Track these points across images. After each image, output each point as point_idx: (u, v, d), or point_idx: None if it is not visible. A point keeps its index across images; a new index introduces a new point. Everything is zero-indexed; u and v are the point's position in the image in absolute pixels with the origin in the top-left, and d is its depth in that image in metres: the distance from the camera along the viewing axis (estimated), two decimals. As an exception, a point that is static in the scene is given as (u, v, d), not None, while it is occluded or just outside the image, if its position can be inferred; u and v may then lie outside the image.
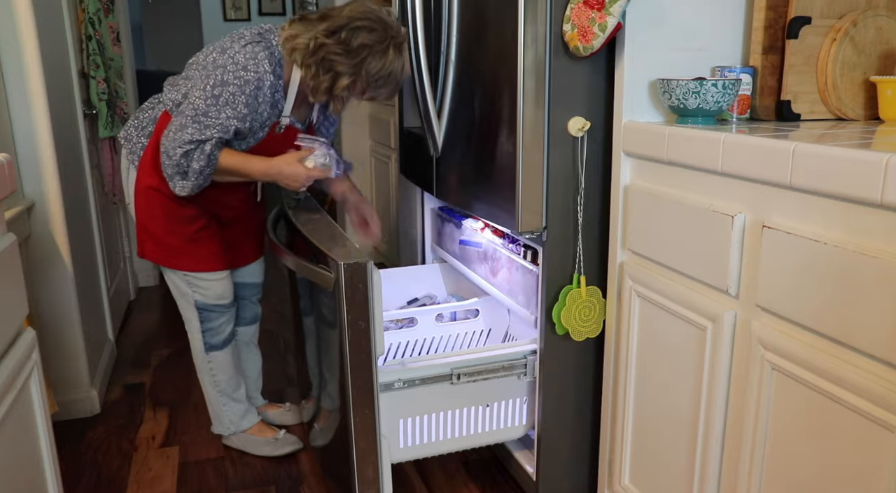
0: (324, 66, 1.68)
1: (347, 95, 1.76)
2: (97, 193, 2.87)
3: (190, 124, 1.68)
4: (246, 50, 1.67)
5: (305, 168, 1.77)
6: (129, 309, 3.42)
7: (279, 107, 1.77)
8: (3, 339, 1.11)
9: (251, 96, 1.68)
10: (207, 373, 2.05)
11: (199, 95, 1.67)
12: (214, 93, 1.66)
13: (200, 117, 1.67)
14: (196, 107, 1.67)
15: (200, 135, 1.67)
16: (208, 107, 1.67)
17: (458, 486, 1.97)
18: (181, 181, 1.73)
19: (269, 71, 1.68)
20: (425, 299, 2.30)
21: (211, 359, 2.03)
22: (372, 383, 1.53)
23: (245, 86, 1.66)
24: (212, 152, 1.71)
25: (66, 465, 2.08)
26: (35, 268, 2.22)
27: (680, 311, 1.35)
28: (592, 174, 1.58)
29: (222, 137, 1.70)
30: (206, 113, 1.67)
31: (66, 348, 2.31)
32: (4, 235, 1.19)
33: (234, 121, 1.68)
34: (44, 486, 1.26)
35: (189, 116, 1.68)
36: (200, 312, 1.97)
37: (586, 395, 1.74)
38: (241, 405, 2.12)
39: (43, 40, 2.18)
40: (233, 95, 1.66)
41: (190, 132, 1.67)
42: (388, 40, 1.69)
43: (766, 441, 1.18)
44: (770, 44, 1.44)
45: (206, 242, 1.91)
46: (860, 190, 0.96)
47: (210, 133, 1.68)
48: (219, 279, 1.95)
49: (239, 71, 1.66)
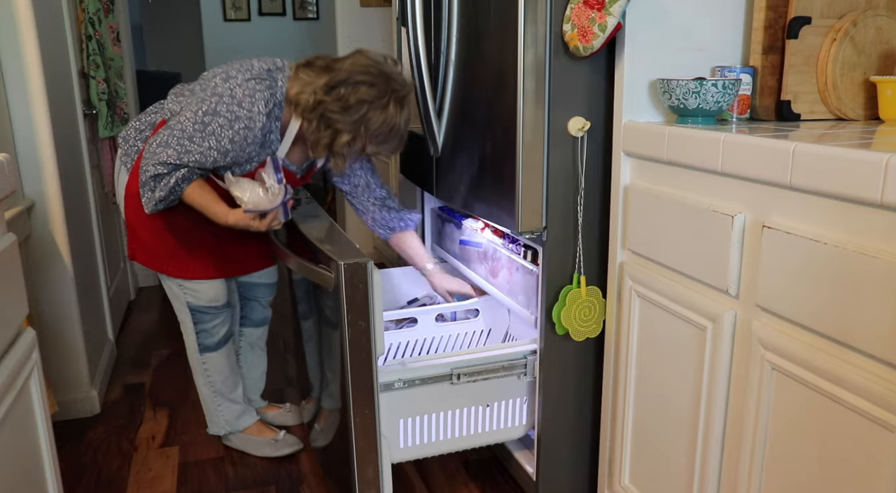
0: (323, 123, 1.65)
1: (348, 152, 1.71)
2: (97, 193, 2.87)
3: (173, 144, 1.65)
4: (248, 85, 1.64)
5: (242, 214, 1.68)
6: (129, 309, 3.42)
7: (272, 147, 1.74)
8: (3, 339, 1.11)
9: (238, 133, 1.64)
10: (202, 374, 2.04)
11: (190, 117, 1.65)
12: (204, 120, 1.63)
13: (185, 141, 1.65)
14: (183, 128, 1.65)
15: (178, 159, 1.65)
16: (194, 132, 1.64)
17: (458, 486, 1.97)
18: (148, 194, 1.72)
19: (263, 112, 1.64)
20: (425, 298, 2.30)
21: (205, 360, 2.02)
22: (372, 383, 1.53)
23: (235, 122, 1.63)
24: (176, 185, 1.69)
25: (66, 465, 2.08)
26: (35, 268, 2.22)
27: (680, 311, 1.35)
28: (592, 174, 1.58)
29: (197, 168, 1.68)
30: (190, 138, 1.64)
31: (66, 348, 2.31)
32: (4, 235, 1.19)
33: (214, 153, 1.65)
34: (44, 486, 1.26)
35: (175, 136, 1.66)
36: (193, 314, 1.96)
37: (586, 395, 1.74)
38: (238, 406, 2.12)
39: (43, 40, 2.18)
40: (220, 127, 1.63)
41: (169, 153, 1.65)
42: (389, 95, 1.64)
43: (766, 441, 1.18)
44: (770, 44, 1.44)
45: (194, 250, 1.88)
46: (860, 190, 0.96)
47: (187, 159, 1.66)
48: (210, 283, 1.94)
49: (233, 105, 1.63)
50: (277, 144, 1.75)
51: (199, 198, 1.72)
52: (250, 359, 2.21)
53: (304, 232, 1.72)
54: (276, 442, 2.13)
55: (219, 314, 1.99)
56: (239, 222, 1.69)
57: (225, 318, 2.01)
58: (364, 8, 3.78)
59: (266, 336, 2.23)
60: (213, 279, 1.93)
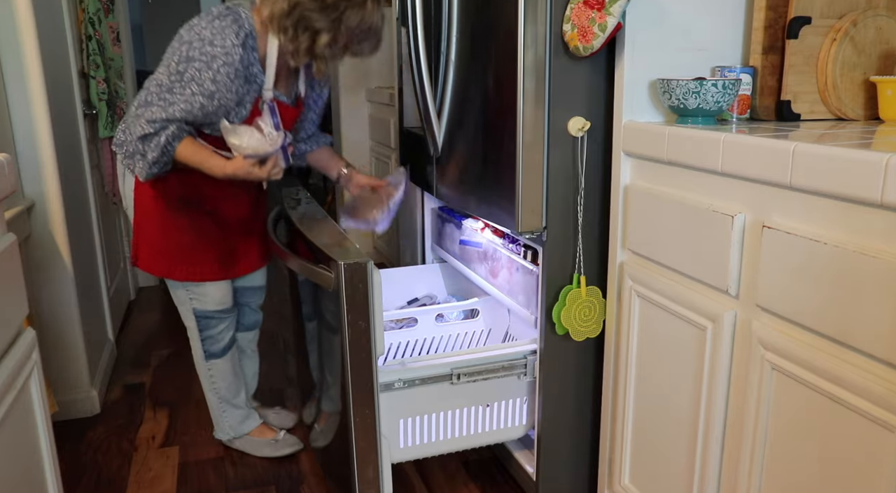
0: (301, 26, 1.63)
1: (330, 54, 1.70)
2: (97, 193, 2.87)
3: (155, 102, 1.63)
4: (213, 25, 1.62)
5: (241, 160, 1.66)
6: (129, 309, 3.42)
7: (258, 82, 1.72)
8: (3, 339, 1.11)
9: (219, 72, 1.62)
10: (207, 380, 2.05)
11: (164, 72, 1.63)
12: (179, 69, 1.62)
13: (165, 94, 1.63)
14: (160, 83, 1.63)
15: (163, 113, 1.63)
16: (172, 83, 1.62)
17: (458, 486, 1.97)
18: (140, 163, 1.69)
19: (237, 44, 1.63)
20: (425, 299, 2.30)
21: (211, 366, 2.02)
22: (372, 383, 1.53)
23: (212, 61, 1.61)
24: (167, 143, 1.66)
25: (66, 465, 2.08)
26: (35, 268, 2.22)
27: (680, 311, 1.35)
28: (592, 174, 1.58)
29: (185, 121, 1.65)
30: (170, 89, 1.62)
31: (66, 348, 2.31)
32: (4, 235, 1.19)
33: (199, 98, 1.63)
34: (44, 486, 1.26)
35: (154, 93, 1.64)
36: (199, 320, 1.96)
37: (586, 395, 1.74)
38: (241, 411, 2.12)
39: (43, 40, 2.18)
40: (198, 71, 1.61)
41: (153, 110, 1.63)
42: None
43: (766, 441, 1.18)
44: (770, 44, 1.44)
45: (203, 249, 1.88)
46: (860, 190, 0.96)
47: (173, 111, 1.63)
48: (217, 284, 1.93)
49: (205, 46, 1.61)
50: (262, 76, 1.72)
51: (193, 154, 1.69)
52: (242, 362, 2.20)
53: (304, 232, 1.72)
54: (276, 442, 2.13)
55: (224, 319, 1.98)
56: (238, 172, 1.66)
57: (230, 323, 2.01)
58: (364, 8, 3.77)
59: (257, 339, 2.23)
60: (219, 281, 1.93)
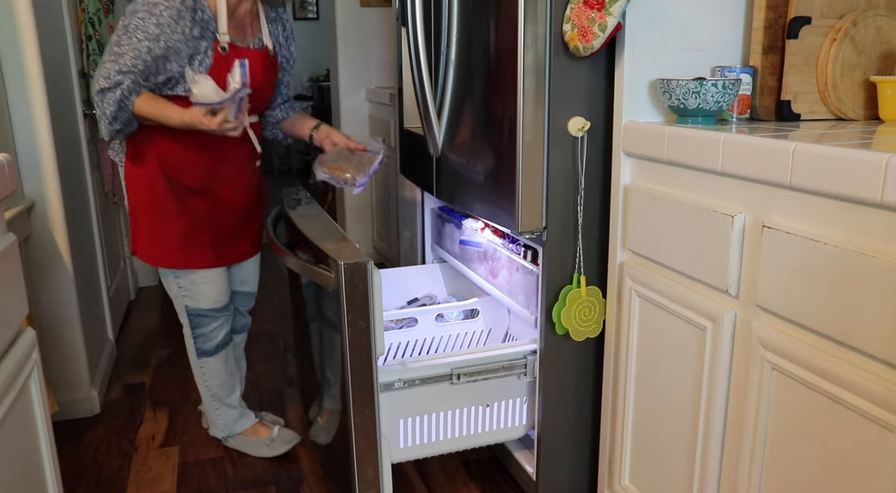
0: None
1: None
2: (97, 193, 2.87)
3: (107, 60, 1.68)
4: None
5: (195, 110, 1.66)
6: (129, 309, 3.42)
7: (210, 28, 1.74)
8: (3, 339, 1.11)
9: (161, 16, 1.65)
10: (200, 377, 2.05)
11: (115, 34, 1.69)
12: (124, 23, 1.67)
13: (114, 48, 1.67)
14: (111, 43, 1.69)
15: (115, 65, 1.66)
16: (119, 37, 1.67)
17: (458, 486, 1.97)
18: (103, 122, 1.72)
19: None
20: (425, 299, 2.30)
21: (203, 364, 2.02)
22: (372, 383, 1.53)
23: (154, 7, 1.65)
24: (123, 98, 1.69)
25: (66, 465, 2.08)
26: (35, 268, 2.22)
27: (680, 311, 1.35)
28: (592, 174, 1.58)
29: (137, 65, 1.67)
30: (118, 43, 1.67)
31: (66, 348, 2.31)
32: (4, 235, 1.19)
33: (145, 43, 1.65)
34: (44, 486, 1.26)
35: (106, 54, 1.69)
36: (191, 318, 1.95)
37: (586, 395, 1.74)
38: (235, 410, 2.11)
39: (43, 40, 2.18)
40: (141, 20, 1.65)
41: (106, 66, 1.67)
42: None
43: (766, 441, 1.18)
44: (770, 44, 1.44)
45: (196, 234, 1.87)
46: (860, 190, 0.96)
47: (124, 61, 1.66)
48: (211, 280, 1.92)
49: (147, 1, 1.65)
50: (213, 23, 1.74)
51: (152, 107, 1.72)
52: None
53: (304, 232, 1.72)
54: (272, 441, 2.13)
55: (217, 318, 1.98)
56: (193, 120, 1.67)
57: (224, 321, 2.00)
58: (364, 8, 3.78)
59: (244, 343, 2.22)
60: (213, 274, 1.92)
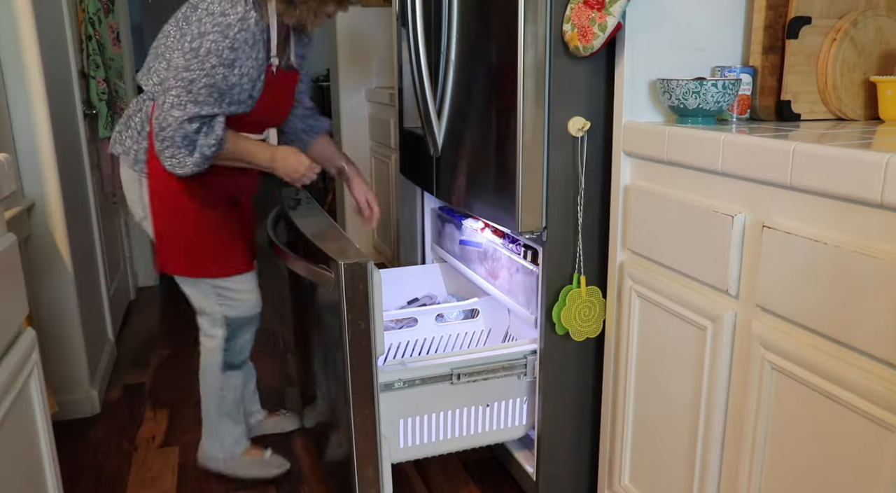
0: None
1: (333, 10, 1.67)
2: (97, 193, 2.87)
3: (175, 86, 1.58)
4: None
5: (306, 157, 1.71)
6: (129, 309, 3.42)
7: (271, 50, 1.68)
8: (3, 339, 1.11)
9: (236, 39, 1.57)
10: (216, 394, 1.93)
11: (179, 55, 1.59)
12: (192, 45, 1.56)
13: (182, 73, 1.57)
14: (177, 66, 1.58)
15: (189, 94, 1.57)
16: (188, 61, 1.57)
17: (458, 486, 1.97)
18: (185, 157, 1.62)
19: (249, 8, 1.57)
20: (425, 299, 2.30)
21: (227, 378, 1.92)
22: (372, 383, 1.53)
23: (227, 30, 1.56)
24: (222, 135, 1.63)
25: (66, 465, 2.08)
26: (35, 268, 2.22)
27: (680, 311, 1.35)
28: (592, 174, 1.58)
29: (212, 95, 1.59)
30: (186, 68, 1.57)
31: (66, 348, 2.31)
32: (4, 235, 1.19)
33: (221, 69, 1.57)
34: (44, 486, 1.26)
35: (172, 81, 1.58)
36: (230, 328, 1.86)
37: (586, 395, 1.74)
38: (240, 428, 2.01)
39: (43, 40, 2.18)
40: (214, 42, 1.56)
41: (179, 98, 1.57)
42: None
43: (766, 441, 1.18)
44: (770, 44, 1.44)
45: (230, 237, 1.82)
46: (860, 190, 0.96)
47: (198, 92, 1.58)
48: (251, 287, 1.87)
49: (218, 17, 1.55)
50: (272, 41, 1.68)
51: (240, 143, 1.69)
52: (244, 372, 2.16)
53: (304, 232, 1.72)
54: (263, 462, 2.02)
55: (253, 324, 1.92)
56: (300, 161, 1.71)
57: (254, 333, 1.95)
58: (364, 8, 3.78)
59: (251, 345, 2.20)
60: (251, 280, 1.87)
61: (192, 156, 1.63)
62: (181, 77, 1.58)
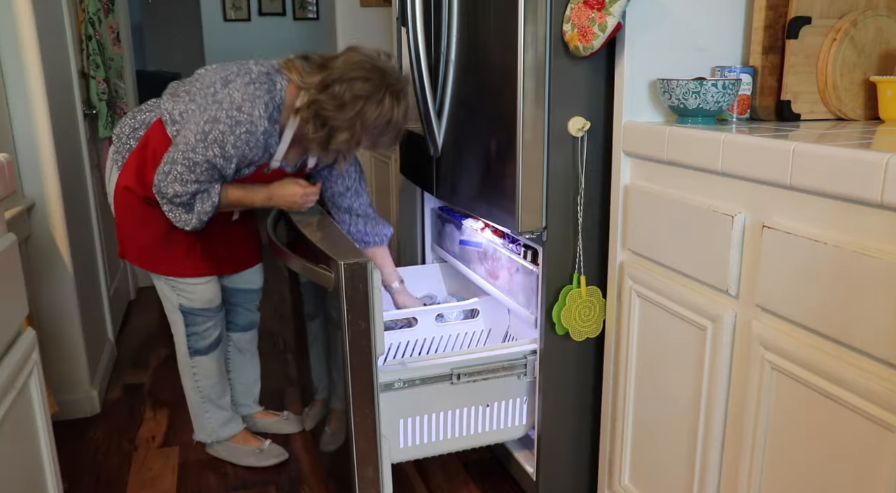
0: (318, 121, 1.65)
1: (346, 148, 1.71)
2: (97, 193, 2.87)
3: (179, 162, 1.66)
4: (247, 89, 1.64)
5: (300, 185, 1.78)
6: (129, 309, 3.42)
7: (271, 151, 1.74)
8: (3, 339, 1.11)
9: (239, 138, 1.64)
10: (190, 378, 2.00)
11: (192, 128, 1.66)
12: (205, 129, 1.64)
13: (189, 154, 1.65)
14: (187, 141, 1.66)
15: (192, 173, 1.67)
16: (195, 143, 1.65)
17: (458, 486, 1.97)
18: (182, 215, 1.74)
19: (263, 116, 1.65)
20: (425, 298, 2.30)
21: (195, 364, 1.98)
22: (372, 383, 1.53)
23: (236, 127, 1.63)
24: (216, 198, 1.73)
25: (66, 465, 2.08)
26: (35, 268, 2.22)
27: (680, 311, 1.35)
28: (592, 174, 1.58)
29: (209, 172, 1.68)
30: (193, 149, 1.65)
31: (66, 348, 2.31)
32: (4, 235, 1.19)
33: (219, 160, 1.66)
34: (44, 486, 1.26)
35: (180, 152, 1.66)
36: (185, 316, 1.93)
37: (586, 395, 1.74)
38: (225, 413, 2.07)
39: (43, 40, 2.18)
40: (222, 134, 1.64)
41: (179, 170, 1.66)
42: (384, 89, 1.63)
43: (766, 441, 1.18)
44: (770, 44, 1.44)
45: (182, 246, 1.86)
46: (860, 190, 0.96)
47: (200, 172, 1.67)
48: (204, 284, 1.91)
49: (233, 110, 1.63)
50: (276, 147, 1.74)
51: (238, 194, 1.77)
52: (241, 363, 2.17)
53: (304, 232, 1.72)
54: (260, 452, 2.08)
55: (211, 317, 1.96)
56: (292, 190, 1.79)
57: (217, 321, 1.98)
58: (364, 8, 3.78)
59: (256, 340, 2.20)
60: (206, 278, 1.91)
61: (189, 214, 1.75)
62: (188, 157, 1.66)
